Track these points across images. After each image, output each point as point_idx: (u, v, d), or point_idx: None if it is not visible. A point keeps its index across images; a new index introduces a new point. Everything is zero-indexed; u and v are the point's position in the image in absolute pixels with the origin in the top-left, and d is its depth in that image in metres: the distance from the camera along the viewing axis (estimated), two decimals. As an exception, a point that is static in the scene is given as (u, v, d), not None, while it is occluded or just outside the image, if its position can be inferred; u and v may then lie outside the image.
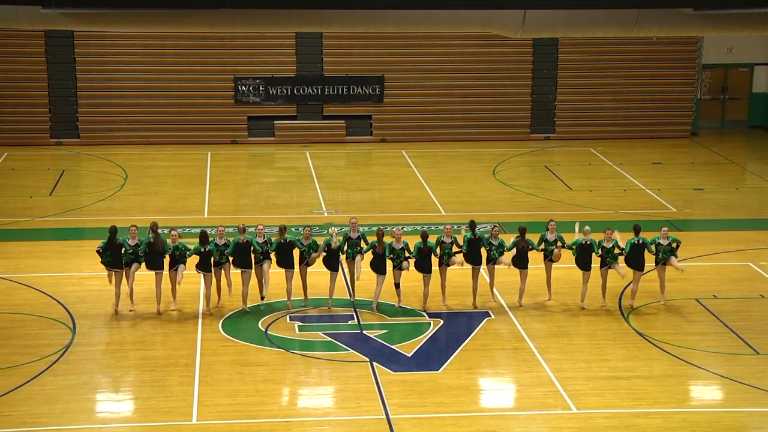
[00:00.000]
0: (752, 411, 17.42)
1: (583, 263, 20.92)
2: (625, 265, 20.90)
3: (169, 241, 20.37)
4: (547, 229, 21.06)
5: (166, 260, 20.39)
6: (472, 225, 21.30)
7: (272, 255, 20.60)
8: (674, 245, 20.86)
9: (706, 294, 22.00)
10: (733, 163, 34.03)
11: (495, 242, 20.80)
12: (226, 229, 21.13)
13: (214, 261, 20.46)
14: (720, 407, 17.52)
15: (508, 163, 33.56)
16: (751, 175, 32.94)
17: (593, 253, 20.83)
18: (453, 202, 28.92)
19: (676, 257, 20.94)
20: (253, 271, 20.62)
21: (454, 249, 20.87)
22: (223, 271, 20.61)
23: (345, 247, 20.86)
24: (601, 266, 20.89)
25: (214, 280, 20.60)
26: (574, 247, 20.95)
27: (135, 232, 20.33)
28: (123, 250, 20.32)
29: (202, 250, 20.32)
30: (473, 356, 19.07)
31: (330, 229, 21.80)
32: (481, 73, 36.37)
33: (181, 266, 20.37)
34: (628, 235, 21.00)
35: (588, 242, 20.80)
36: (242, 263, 20.54)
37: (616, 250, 20.77)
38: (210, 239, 20.49)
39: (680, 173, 32.64)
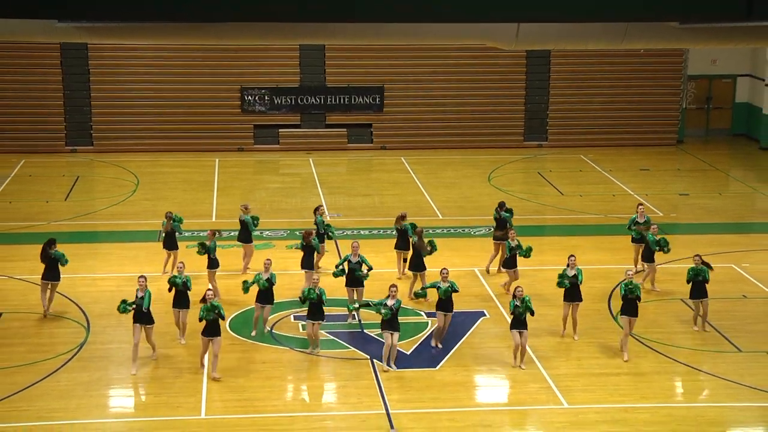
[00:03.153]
0: (734, 406, 17.45)
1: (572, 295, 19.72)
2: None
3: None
4: (568, 265, 19.69)
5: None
6: (501, 205, 22.72)
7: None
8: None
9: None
10: (717, 170, 34.06)
11: (519, 303, 18.46)
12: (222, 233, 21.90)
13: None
14: (704, 402, 17.55)
15: (503, 169, 33.59)
16: (734, 181, 32.98)
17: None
18: (450, 206, 28.95)
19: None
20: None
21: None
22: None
23: (345, 267, 20.46)
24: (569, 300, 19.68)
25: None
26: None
27: (144, 284, 18.22)
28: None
29: (207, 243, 21.02)
30: (469, 354, 19.08)
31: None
32: (477, 84, 36.39)
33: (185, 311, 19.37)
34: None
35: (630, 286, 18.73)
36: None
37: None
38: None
39: (667, 179, 32.68)
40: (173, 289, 19.10)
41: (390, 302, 18.25)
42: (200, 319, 17.78)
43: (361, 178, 33.32)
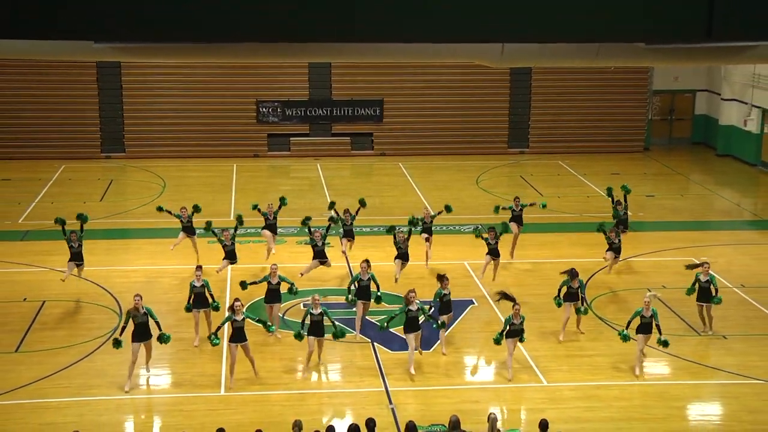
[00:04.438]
0: (695, 383, 17.47)
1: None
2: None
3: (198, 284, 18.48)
4: (572, 278, 18.92)
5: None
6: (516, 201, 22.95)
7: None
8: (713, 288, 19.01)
9: (657, 285, 22.03)
10: (679, 174, 34.08)
11: (517, 321, 17.42)
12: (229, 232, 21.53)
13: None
14: (668, 380, 17.56)
15: (489, 173, 33.60)
16: (695, 184, 32.99)
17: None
18: (442, 206, 28.86)
19: (716, 299, 19.09)
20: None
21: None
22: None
23: (353, 288, 19.18)
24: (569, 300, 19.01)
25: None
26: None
27: (139, 303, 17.08)
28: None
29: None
30: (459, 338, 19.08)
31: (313, 297, 18.30)
32: (467, 97, 36.42)
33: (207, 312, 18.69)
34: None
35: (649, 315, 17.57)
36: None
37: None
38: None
39: (635, 182, 32.53)
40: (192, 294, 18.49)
41: (413, 307, 17.47)
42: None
43: (363, 181, 33.33)
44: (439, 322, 18.09)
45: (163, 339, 17.10)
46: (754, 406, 16.57)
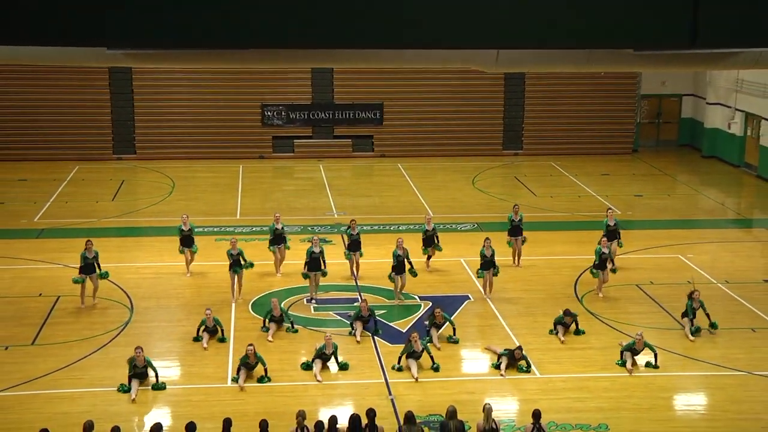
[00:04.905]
0: (680, 375, 17.50)
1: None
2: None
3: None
4: (565, 316, 18.91)
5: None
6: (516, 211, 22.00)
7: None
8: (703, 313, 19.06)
9: (645, 281, 22.07)
10: (666, 175, 34.09)
11: (517, 359, 17.47)
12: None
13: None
14: (654, 372, 17.57)
15: (485, 174, 33.61)
16: (681, 184, 33.00)
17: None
18: (440, 206, 28.95)
19: (714, 326, 19.11)
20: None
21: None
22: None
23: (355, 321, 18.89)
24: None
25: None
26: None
27: (140, 355, 16.59)
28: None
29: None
30: (456, 332, 19.07)
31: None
32: (463, 101, 36.41)
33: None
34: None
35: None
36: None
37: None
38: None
39: (624, 183, 32.70)
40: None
41: (418, 348, 17.28)
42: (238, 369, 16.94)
43: (363, 182, 33.35)
44: (437, 347, 18.21)
45: (158, 387, 16.68)
46: (738, 396, 16.59)
